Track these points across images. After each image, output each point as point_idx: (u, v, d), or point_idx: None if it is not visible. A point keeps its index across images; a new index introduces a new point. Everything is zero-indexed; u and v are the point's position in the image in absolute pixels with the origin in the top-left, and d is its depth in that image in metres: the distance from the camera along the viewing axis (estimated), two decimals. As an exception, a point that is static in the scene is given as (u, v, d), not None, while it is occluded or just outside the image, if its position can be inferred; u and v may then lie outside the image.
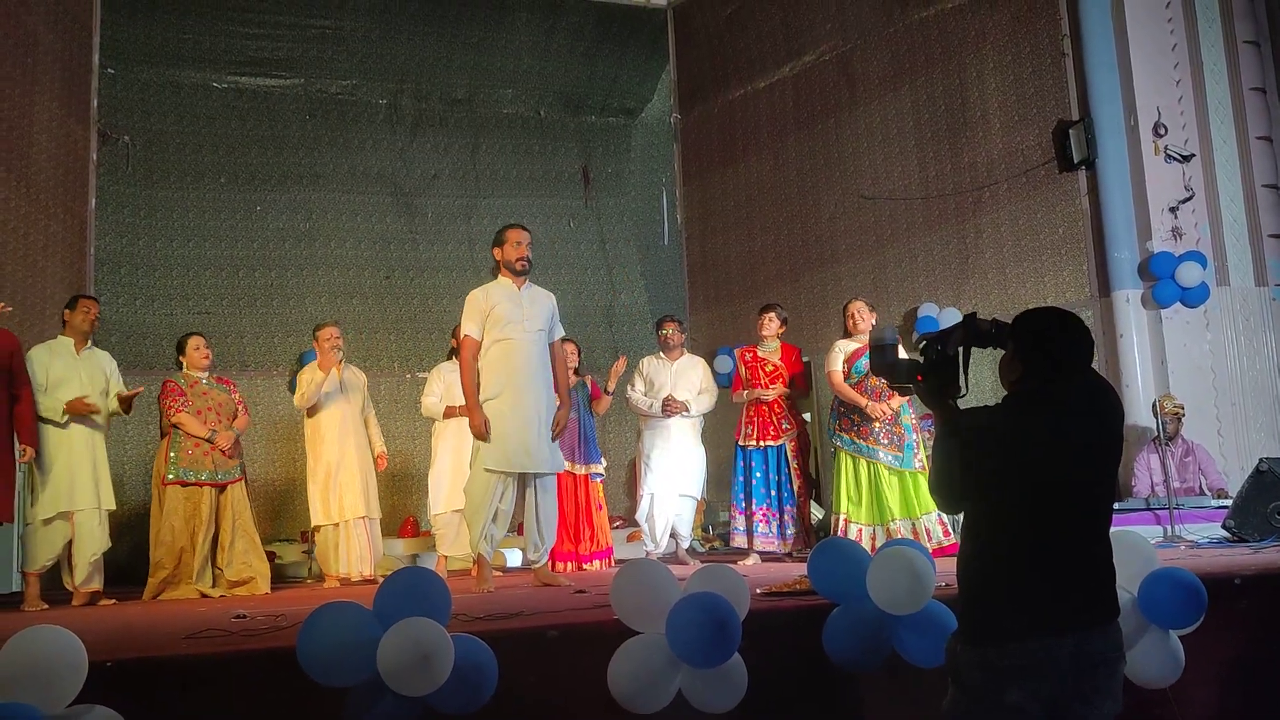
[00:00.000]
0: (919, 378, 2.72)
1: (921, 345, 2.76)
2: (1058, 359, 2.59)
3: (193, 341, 6.89)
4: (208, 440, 6.56)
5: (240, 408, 6.95)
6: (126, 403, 6.51)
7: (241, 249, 9.88)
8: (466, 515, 5.77)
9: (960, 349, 2.70)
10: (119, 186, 9.45)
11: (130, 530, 8.29)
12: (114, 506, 6.45)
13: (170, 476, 6.50)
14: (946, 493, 2.67)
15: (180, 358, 6.90)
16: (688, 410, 7.51)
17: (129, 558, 7.95)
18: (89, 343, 6.53)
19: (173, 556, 6.43)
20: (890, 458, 6.68)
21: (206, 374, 6.88)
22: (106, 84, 9.47)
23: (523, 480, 5.68)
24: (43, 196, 8.31)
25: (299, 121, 10.27)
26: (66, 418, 6.19)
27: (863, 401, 6.70)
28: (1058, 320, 2.66)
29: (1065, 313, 2.70)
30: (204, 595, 6.42)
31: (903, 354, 3.82)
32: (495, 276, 5.85)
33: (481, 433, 5.53)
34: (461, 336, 5.74)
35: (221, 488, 6.62)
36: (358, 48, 10.40)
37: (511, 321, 5.64)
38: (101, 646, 2.74)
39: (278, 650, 3.12)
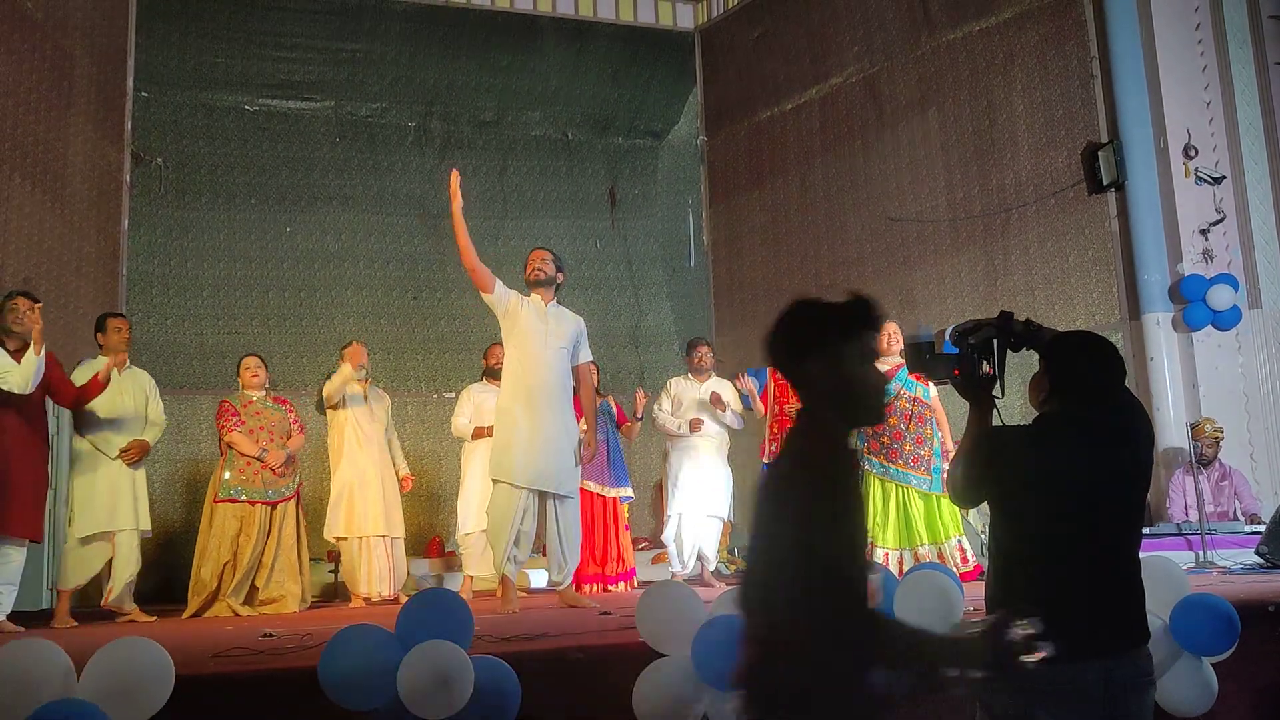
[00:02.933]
0: (955, 371, 2.71)
1: (955, 337, 2.74)
2: (1088, 385, 2.58)
3: (244, 362, 7.04)
4: (258, 459, 6.64)
5: (295, 426, 7.03)
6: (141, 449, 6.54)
7: (271, 270, 9.97)
8: (489, 537, 5.77)
9: (995, 344, 2.70)
10: (151, 208, 9.56)
11: (160, 550, 8.33)
12: (149, 528, 6.51)
13: (222, 495, 6.61)
14: (964, 489, 2.66)
15: (238, 378, 7.02)
16: (724, 412, 7.54)
17: (159, 577, 8.00)
18: (128, 361, 6.59)
19: (216, 574, 6.48)
20: (919, 480, 6.63)
21: (262, 393, 6.96)
22: (140, 106, 9.59)
23: (543, 501, 5.68)
24: (76, 217, 8.42)
25: (329, 144, 10.37)
26: (117, 452, 6.26)
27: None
28: (1091, 346, 2.64)
29: (1099, 338, 2.68)
30: (235, 614, 6.44)
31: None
32: None
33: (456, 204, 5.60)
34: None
35: (273, 505, 6.71)
36: (387, 71, 10.50)
37: (534, 335, 5.68)
38: (129, 664, 2.75)
39: (303, 670, 3.12)
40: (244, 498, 6.60)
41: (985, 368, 2.70)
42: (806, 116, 10.48)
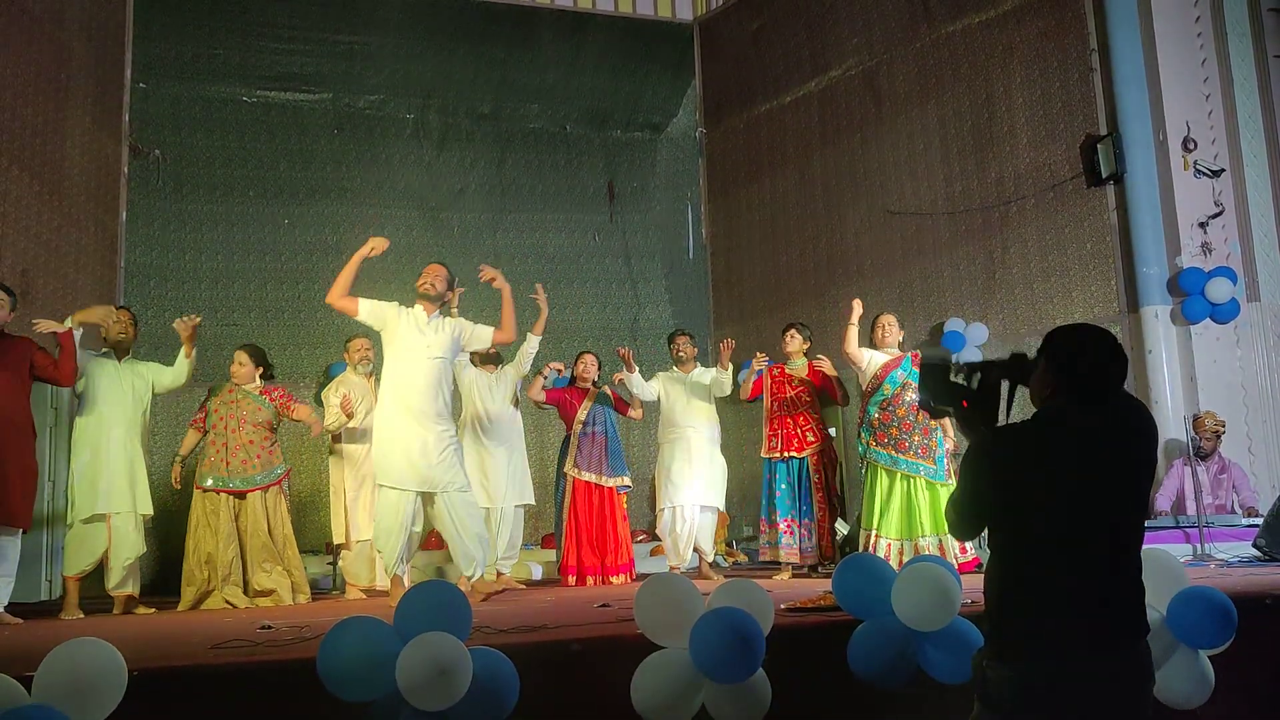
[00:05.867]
0: (964, 404, 2.67)
1: (962, 374, 2.70)
2: (1089, 378, 2.56)
3: (235, 354, 6.89)
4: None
5: (286, 399, 6.81)
6: (189, 340, 6.52)
7: (270, 262, 9.96)
8: (377, 541, 5.86)
9: (1005, 383, 2.66)
10: (149, 200, 9.55)
11: (159, 542, 8.34)
12: (150, 511, 6.41)
13: (199, 482, 6.55)
14: (966, 517, 2.63)
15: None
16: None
17: (159, 568, 8.00)
18: (129, 353, 6.58)
19: (203, 567, 6.44)
20: (928, 470, 6.64)
21: (252, 384, 6.81)
22: (138, 99, 9.57)
23: (430, 502, 5.76)
24: (74, 209, 8.41)
25: (327, 136, 10.36)
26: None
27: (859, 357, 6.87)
28: (1092, 339, 2.62)
29: (1101, 331, 2.66)
30: (231, 605, 6.41)
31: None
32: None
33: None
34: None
35: (241, 495, 6.57)
36: (385, 63, 10.48)
37: (413, 347, 5.79)
38: (129, 655, 2.75)
39: (301, 662, 3.12)
40: (210, 486, 6.51)
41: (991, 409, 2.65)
42: (805, 109, 10.48)
